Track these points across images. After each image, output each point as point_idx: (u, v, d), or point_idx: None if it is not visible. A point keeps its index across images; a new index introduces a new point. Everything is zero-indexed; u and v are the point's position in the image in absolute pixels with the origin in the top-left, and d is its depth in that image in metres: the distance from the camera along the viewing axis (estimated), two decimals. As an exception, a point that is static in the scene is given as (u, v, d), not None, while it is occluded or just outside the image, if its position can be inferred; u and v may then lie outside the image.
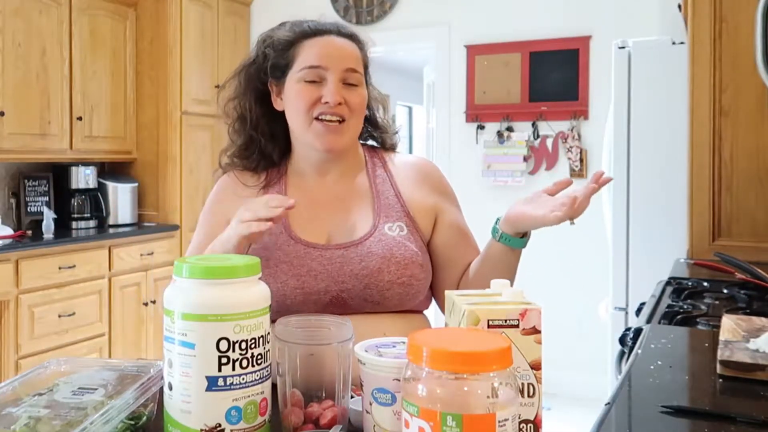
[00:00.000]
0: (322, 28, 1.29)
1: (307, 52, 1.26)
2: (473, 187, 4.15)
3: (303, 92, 1.25)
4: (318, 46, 1.26)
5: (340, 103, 1.23)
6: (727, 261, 1.84)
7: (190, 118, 4.34)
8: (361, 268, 1.21)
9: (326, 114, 1.23)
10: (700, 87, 2.17)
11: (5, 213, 3.88)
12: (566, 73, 4.00)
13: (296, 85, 1.26)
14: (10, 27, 3.56)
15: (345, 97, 1.24)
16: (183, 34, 4.27)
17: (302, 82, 1.25)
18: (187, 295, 0.83)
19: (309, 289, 1.20)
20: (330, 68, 1.24)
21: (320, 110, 1.24)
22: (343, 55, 1.26)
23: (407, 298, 1.23)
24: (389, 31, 4.46)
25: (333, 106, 1.23)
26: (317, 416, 0.85)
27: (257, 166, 1.35)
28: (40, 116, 3.75)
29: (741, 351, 1.00)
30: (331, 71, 1.24)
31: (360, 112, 1.28)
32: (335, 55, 1.25)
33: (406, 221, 1.28)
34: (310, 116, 1.25)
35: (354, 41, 1.31)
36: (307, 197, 1.30)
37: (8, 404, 0.83)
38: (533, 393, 0.78)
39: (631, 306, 2.94)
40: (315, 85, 1.25)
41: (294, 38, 1.28)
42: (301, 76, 1.25)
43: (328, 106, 1.23)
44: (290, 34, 1.29)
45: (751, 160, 2.13)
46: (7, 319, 3.30)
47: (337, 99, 1.23)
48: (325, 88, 1.24)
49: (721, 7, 2.14)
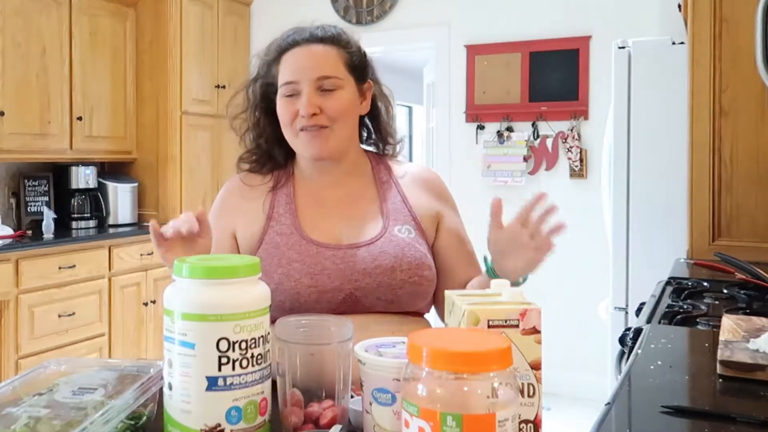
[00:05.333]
0: (297, 39, 1.30)
1: (283, 69, 1.30)
2: (473, 187, 4.15)
3: (283, 108, 1.29)
4: (291, 60, 1.29)
5: (314, 113, 1.25)
6: (727, 261, 1.84)
7: (190, 118, 4.34)
8: (374, 267, 1.23)
9: (306, 126, 1.27)
10: (700, 87, 2.17)
11: (5, 213, 3.88)
12: (566, 73, 4.00)
13: (280, 101, 1.30)
14: (10, 27, 3.56)
15: (321, 104, 1.26)
16: (183, 34, 4.27)
17: (283, 98, 1.29)
18: (187, 295, 0.83)
19: (323, 287, 1.22)
20: (301, 80, 1.27)
21: (300, 124, 1.27)
22: (315, 64, 1.27)
23: (418, 297, 1.26)
24: (389, 31, 4.46)
25: (308, 118, 1.25)
26: (317, 416, 0.85)
27: (263, 168, 1.38)
28: (40, 116, 3.75)
29: (741, 351, 1.00)
30: (303, 83, 1.27)
31: (343, 116, 1.29)
32: (306, 66, 1.27)
33: (413, 224, 1.30)
34: (294, 129, 1.28)
35: (333, 44, 1.30)
36: (315, 198, 1.33)
37: (8, 404, 0.83)
38: (533, 393, 0.78)
39: (631, 306, 2.94)
40: (293, 99, 1.28)
41: (275, 57, 1.32)
42: (282, 92, 1.30)
43: (305, 117, 1.26)
44: (272, 52, 1.33)
45: (751, 160, 2.12)
46: (7, 319, 3.30)
47: (309, 110, 1.25)
48: (300, 101, 1.26)
49: (721, 7, 2.13)
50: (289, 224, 1.28)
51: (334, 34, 1.32)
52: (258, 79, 1.35)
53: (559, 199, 4.47)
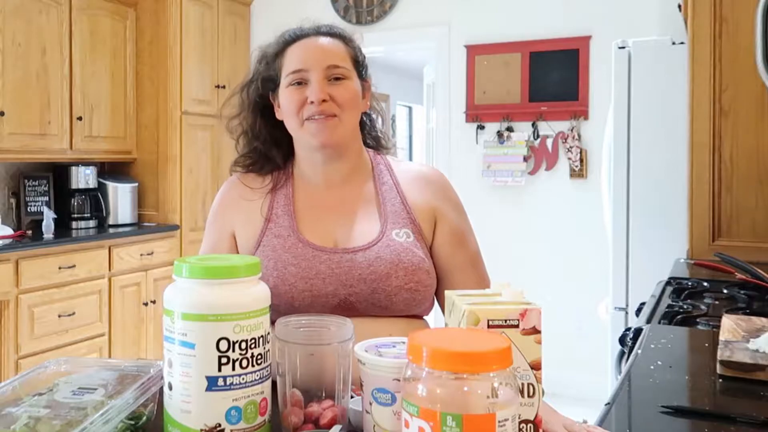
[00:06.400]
0: (302, 33, 1.30)
1: (290, 59, 1.29)
2: (473, 187, 4.15)
3: (291, 96, 1.27)
4: (299, 50, 1.29)
5: (324, 100, 1.24)
6: (727, 261, 1.84)
7: (190, 118, 4.34)
8: (369, 273, 1.21)
9: (314, 114, 1.25)
10: (700, 87, 2.17)
11: (5, 213, 3.88)
12: (566, 73, 4.00)
13: (285, 90, 1.29)
14: (10, 27, 3.56)
15: (331, 93, 1.25)
16: (183, 34, 4.27)
17: (289, 87, 1.28)
18: (187, 295, 0.83)
19: (317, 291, 1.21)
20: (311, 68, 1.26)
21: (309, 111, 1.25)
22: (325, 53, 1.27)
23: (414, 303, 1.23)
24: (389, 31, 4.46)
25: (318, 104, 1.24)
26: (317, 416, 0.85)
27: (261, 169, 1.37)
28: (40, 116, 3.75)
29: (741, 351, 1.00)
30: (312, 71, 1.26)
31: (351, 106, 1.28)
32: (316, 55, 1.27)
33: (412, 228, 1.28)
34: (300, 118, 1.27)
35: (339, 37, 1.31)
36: (313, 200, 1.31)
37: (8, 404, 0.83)
38: (533, 393, 0.78)
39: (631, 306, 2.94)
40: (301, 87, 1.26)
41: (278, 49, 1.31)
42: (288, 82, 1.28)
43: (314, 105, 1.24)
44: (275, 46, 1.32)
45: (751, 160, 2.13)
46: (7, 319, 3.30)
47: (321, 96, 1.24)
48: (309, 89, 1.25)
49: (721, 7, 2.14)
50: (287, 226, 1.27)
51: (339, 31, 1.33)
52: (254, 80, 1.35)
53: (559, 199, 4.47)
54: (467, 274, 1.30)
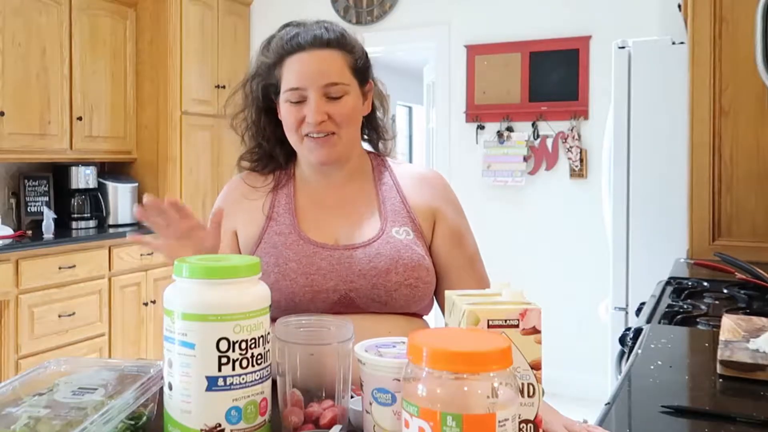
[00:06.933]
0: (301, 43, 1.27)
1: (288, 73, 1.27)
2: (473, 187, 4.15)
3: (289, 114, 1.28)
4: (296, 65, 1.27)
5: (322, 120, 1.24)
6: (727, 261, 1.84)
7: (190, 118, 4.34)
8: (369, 268, 1.22)
9: (312, 132, 1.26)
10: (700, 87, 2.17)
11: (5, 213, 3.88)
12: (566, 73, 4.00)
13: (284, 105, 1.29)
14: (10, 27, 3.56)
15: (329, 111, 1.25)
16: (183, 34, 4.27)
17: (288, 103, 1.28)
18: (187, 295, 0.83)
19: (318, 287, 1.22)
20: (309, 87, 1.25)
21: (306, 129, 1.26)
22: (322, 71, 1.26)
23: (413, 300, 1.24)
24: (389, 31, 4.46)
25: (316, 125, 1.24)
26: (317, 416, 0.85)
27: (265, 168, 1.38)
28: (40, 116, 3.75)
29: (741, 351, 1.00)
30: (310, 90, 1.25)
31: (349, 122, 1.28)
32: (313, 73, 1.25)
33: (412, 226, 1.29)
34: (299, 134, 1.27)
35: (338, 47, 1.28)
36: (314, 199, 1.33)
37: (8, 404, 0.83)
38: (533, 393, 0.78)
39: (631, 306, 2.94)
40: (299, 106, 1.26)
41: (276, 60, 1.30)
42: (286, 98, 1.28)
43: (312, 125, 1.25)
44: (273, 56, 1.30)
45: (751, 160, 2.13)
46: (7, 319, 3.30)
47: (318, 118, 1.24)
48: (307, 108, 1.25)
49: (721, 7, 2.14)
50: (288, 224, 1.29)
51: (338, 36, 1.29)
52: (256, 77, 1.34)
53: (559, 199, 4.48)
54: (466, 274, 1.32)
